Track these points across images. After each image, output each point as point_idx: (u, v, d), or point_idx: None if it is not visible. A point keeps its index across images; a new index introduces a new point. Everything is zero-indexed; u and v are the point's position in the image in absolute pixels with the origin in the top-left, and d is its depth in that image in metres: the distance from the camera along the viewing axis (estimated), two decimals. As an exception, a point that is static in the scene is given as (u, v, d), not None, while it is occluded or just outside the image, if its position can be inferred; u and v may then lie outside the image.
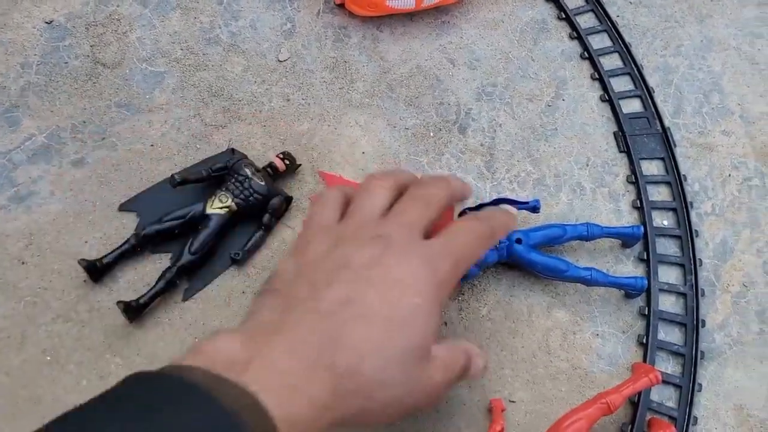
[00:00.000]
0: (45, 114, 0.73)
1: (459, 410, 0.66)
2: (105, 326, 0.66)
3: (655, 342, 0.69)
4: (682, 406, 0.67)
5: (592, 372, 0.68)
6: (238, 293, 0.69)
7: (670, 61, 0.85)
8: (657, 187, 0.77)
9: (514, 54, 0.83)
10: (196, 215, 0.70)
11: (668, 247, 0.74)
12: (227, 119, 0.75)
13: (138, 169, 0.72)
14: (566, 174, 0.77)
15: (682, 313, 0.71)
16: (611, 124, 0.80)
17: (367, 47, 0.81)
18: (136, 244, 0.68)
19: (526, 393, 0.67)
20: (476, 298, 0.70)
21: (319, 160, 0.75)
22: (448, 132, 0.77)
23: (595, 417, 0.63)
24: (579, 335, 0.70)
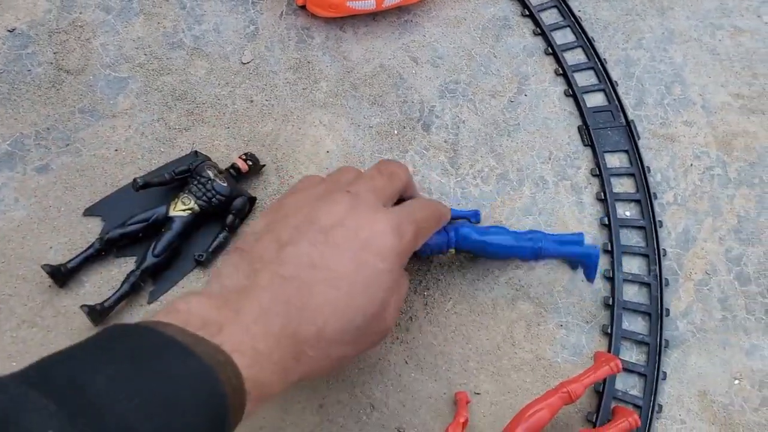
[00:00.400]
0: (8, 122, 0.74)
1: (425, 403, 0.66)
2: (71, 331, 0.66)
3: (619, 332, 0.70)
4: (646, 394, 0.68)
5: (557, 362, 0.69)
6: (203, 294, 0.69)
7: (632, 54, 0.86)
8: (620, 179, 0.78)
9: (477, 51, 0.84)
10: (160, 218, 0.70)
11: (631, 237, 0.75)
12: (191, 122, 0.76)
13: (103, 174, 0.72)
14: (529, 168, 0.77)
15: (646, 302, 0.72)
16: (574, 118, 0.81)
17: (331, 47, 0.82)
18: (100, 248, 0.68)
19: (491, 385, 0.67)
20: (441, 292, 0.71)
21: (283, 160, 0.75)
22: (412, 129, 0.78)
23: (557, 406, 0.63)
24: (543, 326, 0.70)
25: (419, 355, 0.68)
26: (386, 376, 0.67)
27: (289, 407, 0.65)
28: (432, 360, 0.68)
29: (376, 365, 0.68)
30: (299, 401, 0.65)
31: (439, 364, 0.68)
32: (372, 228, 0.46)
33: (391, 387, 0.67)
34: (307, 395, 0.66)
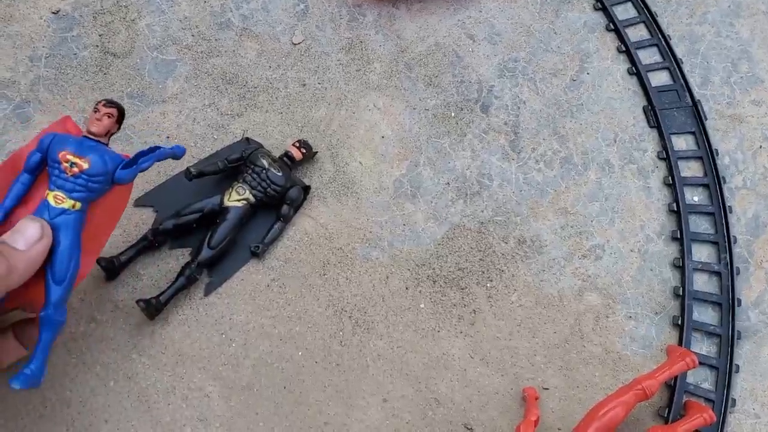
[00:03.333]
0: (57, 108, 0.70)
1: (492, 399, 0.63)
2: (129, 326, 0.63)
3: (690, 323, 0.66)
4: (719, 388, 0.64)
5: (626, 355, 0.65)
6: (262, 287, 0.65)
7: (697, 30, 0.80)
8: (687, 163, 0.73)
9: (536, 27, 0.78)
10: (214, 208, 0.66)
11: (700, 224, 0.70)
12: (243, 107, 0.71)
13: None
14: (594, 151, 0.72)
15: (717, 292, 0.68)
16: (638, 98, 0.75)
17: (383, 26, 0.77)
18: (153, 240, 0.65)
19: (560, 379, 0.64)
20: (505, 284, 0.67)
21: (338, 146, 0.71)
22: (470, 111, 0.73)
23: (631, 403, 0.60)
24: (611, 318, 0.66)
25: (484, 350, 0.65)
26: (451, 371, 0.64)
27: (353, 402, 0.62)
28: (498, 354, 0.65)
29: (440, 359, 0.64)
30: (363, 396, 0.62)
31: (505, 359, 0.65)
32: None
33: (456, 382, 0.64)
34: (371, 390, 0.63)
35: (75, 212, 0.51)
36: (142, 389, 0.61)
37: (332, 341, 0.64)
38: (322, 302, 0.65)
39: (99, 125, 0.52)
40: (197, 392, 0.62)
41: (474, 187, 0.70)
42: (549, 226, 0.69)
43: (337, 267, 0.67)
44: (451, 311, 0.66)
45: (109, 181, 0.53)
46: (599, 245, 0.68)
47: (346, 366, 0.63)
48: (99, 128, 0.52)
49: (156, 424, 0.60)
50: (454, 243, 0.68)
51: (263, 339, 0.64)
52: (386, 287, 0.66)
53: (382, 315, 0.65)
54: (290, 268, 0.66)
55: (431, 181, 0.70)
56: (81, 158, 0.51)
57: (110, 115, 0.52)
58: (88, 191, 0.51)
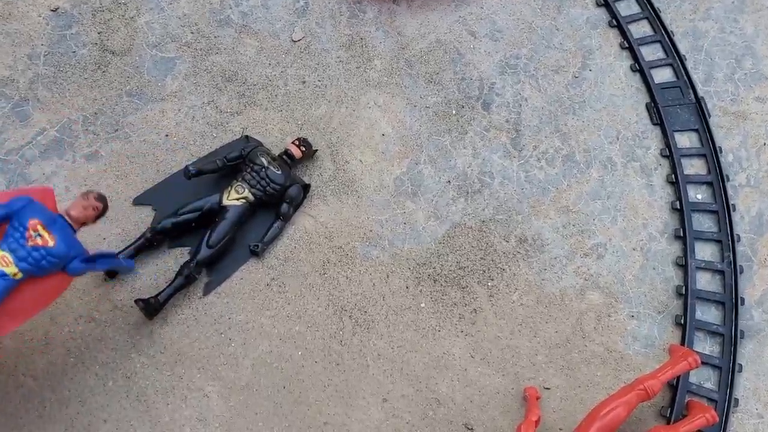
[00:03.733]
0: (55, 106, 0.69)
1: (493, 399, 0.62)
2: (128, 325, 0.63)
3: (692, 322, 0.65)
4: (722, 387, 0.63)
5: (628, 354, 0.64)
6: (262, 286, 0.65)
7: (700, 25, 0.79)
8: (691, 160, 0.72)
9: (538, 23, 0.77)
10: (213, 207, 0.66)
11: (704, 222, 0.69)
12: (242, 105, 0.71)
13: (154, 160, 0.68)
14: (596, 149, 0.72)
15: (720, 291, 0.67)
16: (641, 95, 0.74)
17: (384, 22, 0.76)
18: (151, 239, 0.65)
19: (561, 379, 0.63)
20: (506, 284, 0.66)
21: (338, 144, 0.70)
22: (471, 109, 0.72)
23: (633, 403, 0.59)
24: (614, 317, 0.66)
25: (485, 349, 0.64)
26: (452, 371, 0.63)
27: (353, 402, 0.62)
28: (499, 354, 0.64)
29: (441, 359, 0.64)
30: (363, 396, 0.62)
31: (506, 358, 0.64)
32: None
33: (457, 382, 0.63)
34: (371, 390, 0.62)
35: (11, 280, 0.50)
36: (141, 389, 0.61)
37: (332, 341, 0.64)
38: (322, 301, 0.65)
39: (82, 213, 0.54)
40: (196, 392, 0.61)
41: (475, 185, 0.69)
42: (551, 224, 0.68)
43: (337, 266, 0.66)
44: (452, 310, 0.65)
45: (61, 267, 0.53)
46: (601, 244, 0.68)
47: (346, 365, 0.63)
48: (80, 215, 0.54)
49: (155, 424, 0.60)
50: (455, 242, 0.67)
51: (263, 338, 0.63)
52: (387, 286, 0.66)
53: (383, 314, 0.65)
54: (290, 267, 0.66)
55: (432, 180, 0.69)
56: (49, 234, 0.52)
57: (96, 208, 0.54)
58: (37, 267, 0.52)
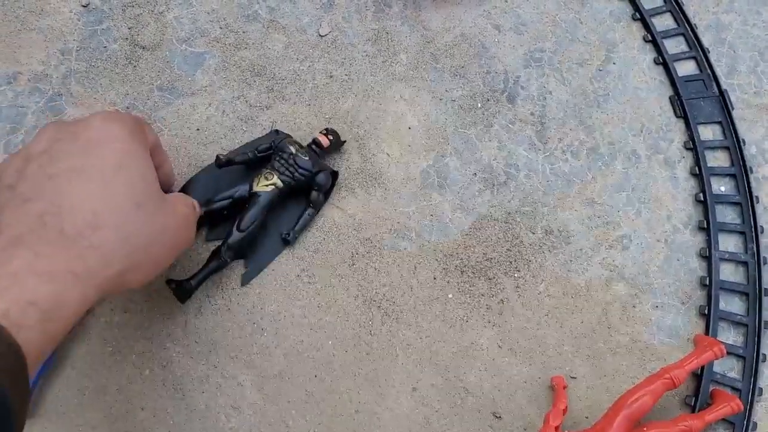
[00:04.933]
0: (88, 101, 0.70)
1: (520, 388, 0.63)
2: (163, 315, 0.64)
3: (716, 312, 0.66)
4: (746, 377, 0.64)
5: (653, 345, 0.65)
6: (292, 277, 0.66)
7: (723, 18, 0.79)
8: (714, 153, 0.72)
9: (562, 17, 0.77)
10: (244, 195, 0.67)
11: (727, 214, 0.70)
12: (271, 99, 0.71)
13: (186, 154, 0.69)
14: (620, 141, 0.72)
15: (743, 282, 0.67)
16: (665, 88, 0.75)
17: (409, 16, 0.76)
18: None
19: (587, 368, 0.64)
20: (533, 275, 0.67)
21: (365, 137, 0.71)
22: (496, 102, 0.73)
23: (659, 392, 0.60)
24: (638, 308, 0.66)
25: (512, 339, 0.65)
26: (479, 360, 0.64)
27: (383, 391, 0.63)
28: (526, 344, 0.65)
29: (469, 349, 0.65)
30: (393, 385, 0.63)
31: (533, 348, 0.65)
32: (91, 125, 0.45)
33: (485, 371, 0.64)
34: (401, 379, 0.63)
35: None
36: (177, 378, 0.62)
37: (362, 331, 0.65)
38: (351, 292, 0.66)
39: None
40: (230, 380, 0.62)
41: (501, 177, 0.70)
42: (576, 216, 0.69)
43: (366, 257, 0.67)
44: (479, 301, 0.66)
45: None
46: (626, 235, 0.68)
47: (375, 355, 0.64)
48: None
49: (191, 412, 0.61)
50: (481, 233, 0.68)
51: (294, 328, 0.64)
52: (414, 277, 0.66)
53: (411, 305, 0.66)
54: (319, 258, 0.67)
55: (458, 172, 0.70)
56: None
57: None
58: None
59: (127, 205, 0.42)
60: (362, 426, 0.62)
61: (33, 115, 0.69)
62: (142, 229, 0.43)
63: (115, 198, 0.41)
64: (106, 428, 0.60)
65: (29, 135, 0.68)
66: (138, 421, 0.61)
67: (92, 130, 0.44)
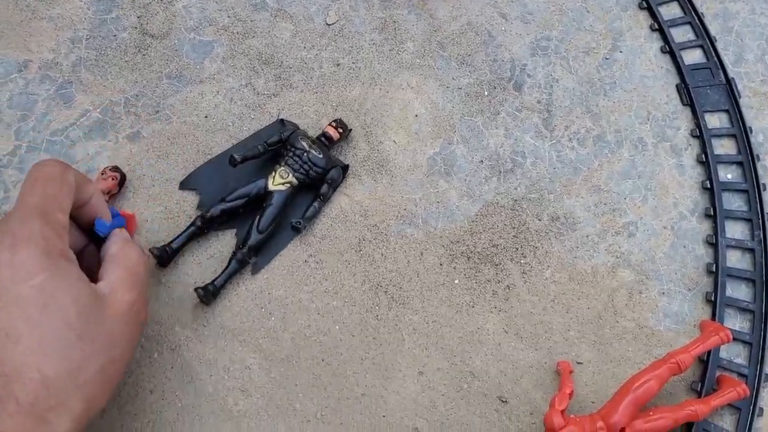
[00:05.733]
0: (97, 89, 0.70)
1: (526, 373, 0.63)
2: (172, 300, 0.64)
3: (723, 299, 0.66)
4: (752, 363, 0.64)
5: (659, 331, 0.65)
6: (300, 263, 0.66)
7: (730, 7, 0.79)
8: (721, 140, 0.72)
9: (568, 5, 0.77)
10: (260, 193, 0.67)
11: (734, 201, 0.70)
12: (279, 87, 0.72)
13: (194, 141, 0.69)
14: (627, 129, 0.72)
15: (750, 268, 0.67)
16: (671, 76, 0.74)
17: (416, 5, 0.76)
18: (202, 227, 0.66)
19: (593, 354, 0.64)
20: (539, 261, 0.67)
21: (372, 125, 0.71)
22: (503, 90, 0.73)
23: (665, 377, 0.60)
24: (645, 294, 0.66)
25: (518, 324, 0.65)
26: (485, 345, 0.64)
27: (389, 375, 0.63)
28: (531, 329, 0.65)
29: (475, 334, 0.65)
30: (399, 369, 0.63)
31: (539, 333, 0.65)
32: None
33: (491, 356, 0.64)
34: (407, 363, 0.63)
35: None
36: (186, 361, 0.63)
37: (368, 315, 0.65)
38: (358, 278, 0.66)
39: (103, 184, 0.64)
40: (238, 364, 0.63)
41: (507, 164, 0.70)
42: (582, 203, 0.69)
43: (373, 243, 0.67)
44: (486, 287, 0.66)
45: None
46: (632, 222, 0.68)
47: (382, 339, 0.64)
48: (103, 186, 0.64)
49: (199, 395, 0.62)
50: (487, 220, 0.68)
51: (301, 313, 0.65)
52: (421, 263, 0.67)
53: (417, 290, 0.66)
54: (327, 245, 0.67)
55: (464, 159, 0.70)
56: None
57: (114, 178, 0.65)
58: None
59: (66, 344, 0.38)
60: (368, 409, 0.62)
61: (43, 102, 0.69)
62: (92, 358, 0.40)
63: (52, 345, 0.38)
64: (116, 411, 0.61)
65: (39, 122, 0.69)
66: (147, 403, 0.61)
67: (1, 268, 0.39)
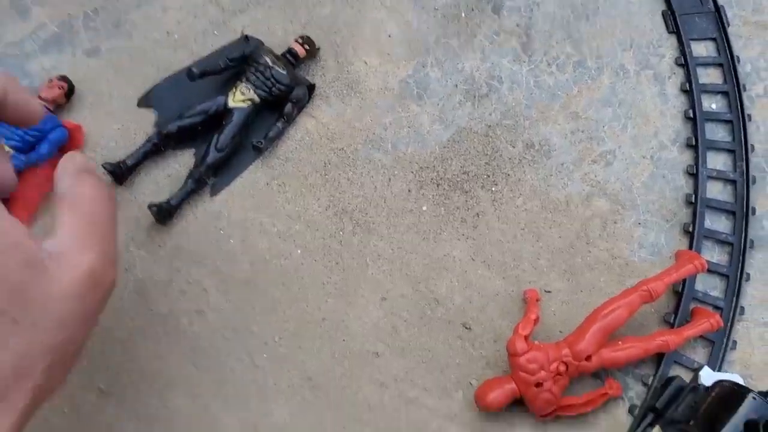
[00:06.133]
0: (55, 2, 0.67)
1: (492, 301, 0.61)
2: (127, 219, 0.62)
3: (701, 230, 0.63)
4: (728, 295, 0.62)
5: (633, 261, 0.63)
6: (262, 185, 0.64)
7: (724, -68, 0.74)
8: (707, 69, 0.69)
9: (553, -73, 0.73)
10: (219, 110, 0.64)
11: (717, 132, 0.67)
12: (245, 3, 0.68)
13: (154, 57, 0.66)
14: (609, 56, 0.69)
15: (730, 200, 0.64)
16: (657, 3, 0.71)
17: (393, -77, 0.72)
18: (159, 143, 0.63)
19: (563, 283, 0.62)
20: (510, 188, 0.64)
21: (342, 45, 0.68)
22: (480, 12, 0.69)
23: (636, 305, 0.58)
24: (620, 224, 0.64)
25: (486, 252, 0.63)
26: (452, 273, 0.62)
27: (351, 300, 0.61)
28: (500, 257, 0.63)
29: (441, 261, 0.62)
30: (362, 295, 0.61)
31: (507, 262, 0.62)
32: None
33: (456, 283, 0.62)
34: (370, 288, 0.61)
35: None
36: (140, 281, 0.60)
37: (332, 240, 0.62)
38: (322, 202, 0.63)
39: (50, 93, 0.61)
40: (195, 286, 0.60)
41: (483, 89, 0.67)
42: (559, 130, 0.66)
43: (339, 167, 0.64)
44: (454, 214, 0.63)
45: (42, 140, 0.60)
46: (610, 151, 0.65)
47: (345, 265, 0.62)
48: (48, 95, 0.61)
49: (153, 315, 0.59)
50: (459, 146, 0.65)
51: (262, 236, 0.62)
52: (388, 189, 0.64)
53: (384, 216, 0.63)
54: (290, 168, 0.64)
55: (438, 83, 0.67)
56: None
57: (61, 87, 0.62)
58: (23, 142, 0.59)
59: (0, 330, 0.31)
60: (329, 333, 0.60)
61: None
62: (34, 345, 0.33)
63: None
64: (66, 329, 0.58)
65: (-9, 32, 0.65)
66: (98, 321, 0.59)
67: None
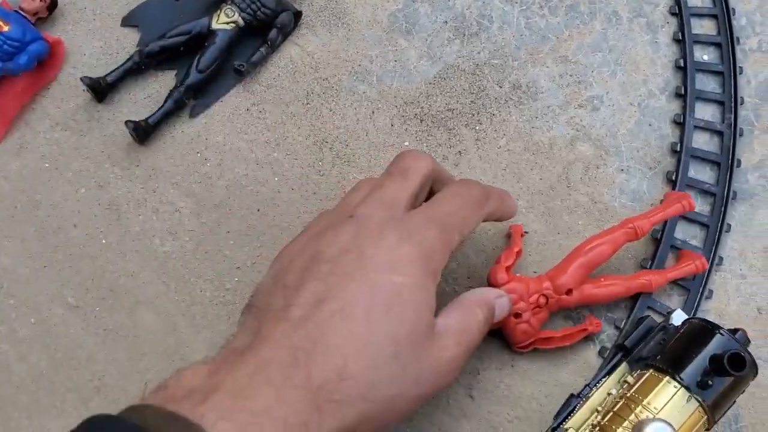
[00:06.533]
0: None
1: (468, 239, 0.60)
2: (104, 136, 0.61)
3: (684, 179, 0.62)
4: (708, 244, 0.61)
5: (613, 207, 0.62)
6: (242, 110, 0.63)
7: None
8: (701, 20, 0.68)
9: None
10: (202, 31, 0.63)
11: (707, 83, 0.66)
12: (235, -74, 0.67)
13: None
14: (602, 1, 0.67)
15: (716, 151, 0.64)
16: (656, -50, 0.69)
17: None
18: (139, 62, 0.62)
19: (541, 225, 0.61)
20: (495, 129, 0.63)
21: (333, -25, 0.66)
22: (474, -49, 0.68)
23: (619, 242, 0.57)
24: (602, 169, 0.63)
25: (467, 189, 0.62)
26: (431, 208, 0.61)
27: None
28: (480, 195, 0.62)
29: (421, 196, 0.61)
30: (338, 226, 0.60)
31: (487, 200, 0.62)
32: (380, 244, 0.38)
33: (435, 219, 0.61)
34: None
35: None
36: (113, 198, 0.60)
37: (310, 170, 0.62)
38: (303, 131, 0.63)
39: (30, 5, 0.59)
40: (168, 206, 0.60)
41: (473, 27, 0.66)
42: (547, 73, 0.65)
43: (321, 97, 0.63)
44: (436, 151, 0.63)
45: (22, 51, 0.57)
46: (598, 96, 0.64)
47: (323, 195, 0.61)
48: (29, 6, 0.59)
49: (125, 233, 0.59)
50: (446, 83, 0.64)
51: (239, 161, 0.61)
52: (371, 122, 0.63)
53: (365, 149, 0.62)
54: (272, 94, 0.63)
55: (428, 18, 0.66)
56: (3, 22, 0.56)
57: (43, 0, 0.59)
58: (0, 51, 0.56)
59: (383, 354, 0.36)
60: (300, 260, 0.59)
61: None
62: (391, 384, 0.37)
63: (371, 347, 0.36)
64: (36, 242, 0.58)
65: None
66: (70, 237, 0.58)
67: (380, 249, 0.38)
